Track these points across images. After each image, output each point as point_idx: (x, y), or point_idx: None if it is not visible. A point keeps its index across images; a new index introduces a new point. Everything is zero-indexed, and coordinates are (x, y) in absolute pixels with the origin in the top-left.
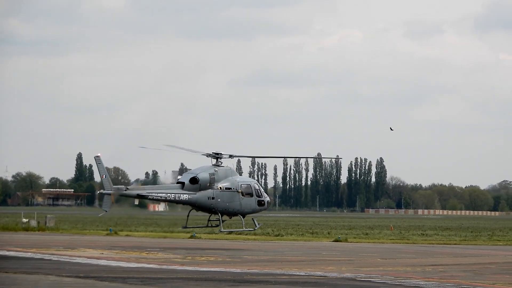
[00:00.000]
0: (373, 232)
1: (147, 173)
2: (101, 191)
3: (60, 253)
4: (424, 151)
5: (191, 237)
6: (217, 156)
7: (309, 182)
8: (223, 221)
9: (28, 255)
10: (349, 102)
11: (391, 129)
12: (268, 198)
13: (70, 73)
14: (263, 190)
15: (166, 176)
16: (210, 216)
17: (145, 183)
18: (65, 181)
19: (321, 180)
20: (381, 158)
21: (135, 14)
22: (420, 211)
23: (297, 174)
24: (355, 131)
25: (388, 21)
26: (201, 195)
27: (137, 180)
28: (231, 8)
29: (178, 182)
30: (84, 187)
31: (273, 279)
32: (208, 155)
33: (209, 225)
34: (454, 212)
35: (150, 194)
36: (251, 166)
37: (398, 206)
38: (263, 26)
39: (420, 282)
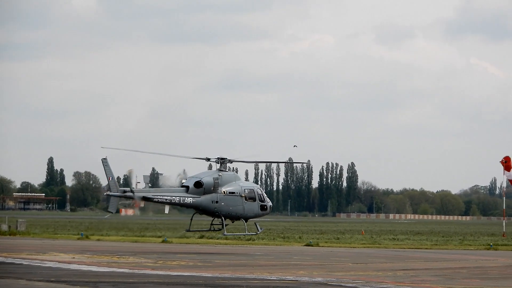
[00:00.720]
0: (345, 237)
1: (118, 178)
2: (108, 192)
3: (31, 257)
4: (396, 156)
5: (163, 241)
6: (222, 161)
7: (280, 187)
8: (226, 225)
9: None
10: (320, 106)
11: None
12: (270, 203)
13: (42, 78)
14: (265, 195)
15: (138, 180)
16: (213, 220)
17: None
18: (36, 186)
19: (292, 185)
20: (352, 163)
21: (107, 19)
22: (391, 216)
23: (268, 179)
24: (327, 136)
25: (359, 26)
26: (205, 199)
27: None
28: (203, 13)
29: (182, 186)
30: (55, 191)
31: (244, 283)
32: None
33: (212, 228)
34: (426, 216)
35: (156, 197)
36: None
37: (370, 210)
38: (235, 30)
39: (391, 287)
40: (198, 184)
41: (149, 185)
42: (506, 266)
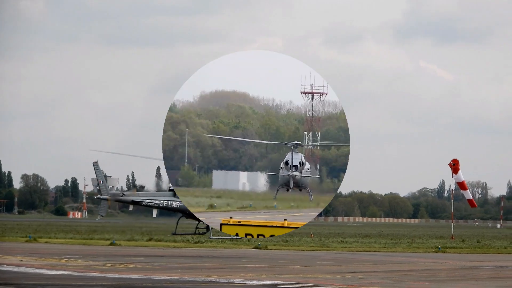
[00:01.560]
0: (293, 240)
1: (66, 180)
2: (98, 196)
3: None
4: None
5: (111, 244)
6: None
7: None
8: (211, 228)
9: None
10: None
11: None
12: None
13: None
14: None
15: (86, 183)
16: (198, 224)
17: (64, 190)
18: None
19: None
20: None
21: (56, 21)
22: (340, 218)
23: None
24: None
25: (308, 29)
26: None
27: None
28: (152, 16)
29: (170, 190)
30: (3, 194)
31: (192, 286)
32: None
33: (197, 232)
34: (374, 219)
35: (144, 201)
36: None
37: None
38: (184, 33)
39: None
40: None
41: (97, 188)
42: (454, 268)
